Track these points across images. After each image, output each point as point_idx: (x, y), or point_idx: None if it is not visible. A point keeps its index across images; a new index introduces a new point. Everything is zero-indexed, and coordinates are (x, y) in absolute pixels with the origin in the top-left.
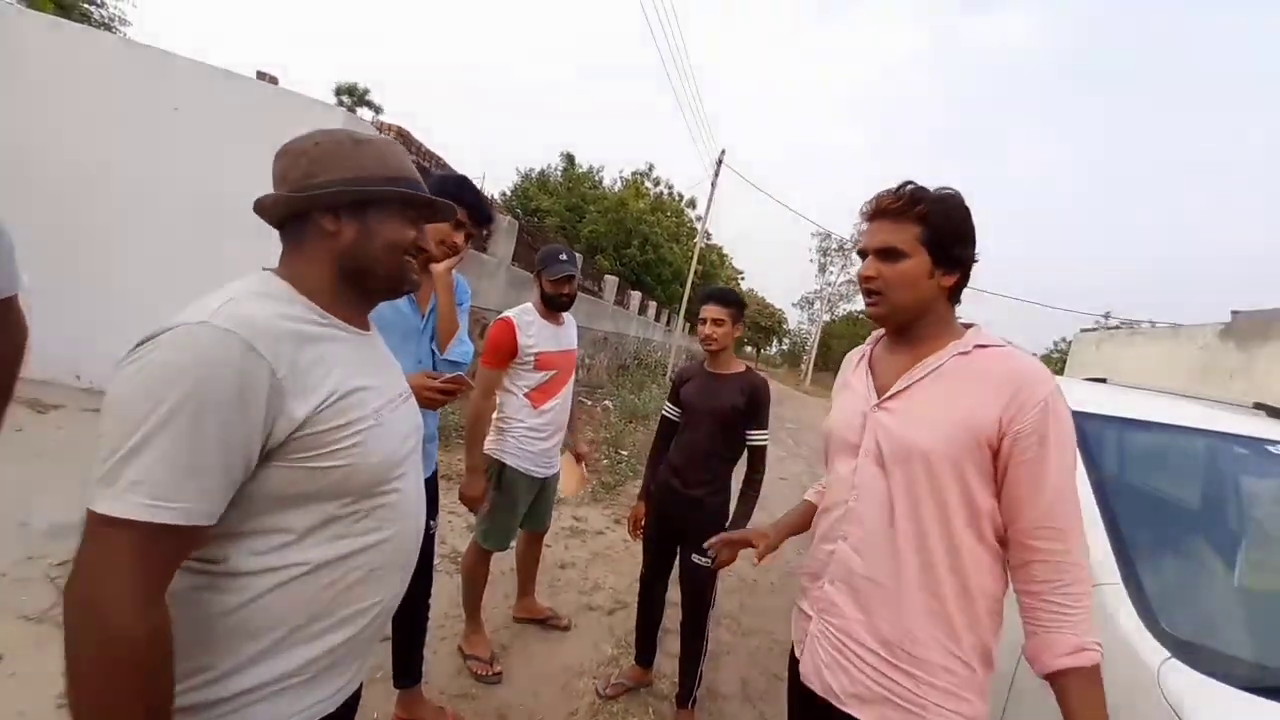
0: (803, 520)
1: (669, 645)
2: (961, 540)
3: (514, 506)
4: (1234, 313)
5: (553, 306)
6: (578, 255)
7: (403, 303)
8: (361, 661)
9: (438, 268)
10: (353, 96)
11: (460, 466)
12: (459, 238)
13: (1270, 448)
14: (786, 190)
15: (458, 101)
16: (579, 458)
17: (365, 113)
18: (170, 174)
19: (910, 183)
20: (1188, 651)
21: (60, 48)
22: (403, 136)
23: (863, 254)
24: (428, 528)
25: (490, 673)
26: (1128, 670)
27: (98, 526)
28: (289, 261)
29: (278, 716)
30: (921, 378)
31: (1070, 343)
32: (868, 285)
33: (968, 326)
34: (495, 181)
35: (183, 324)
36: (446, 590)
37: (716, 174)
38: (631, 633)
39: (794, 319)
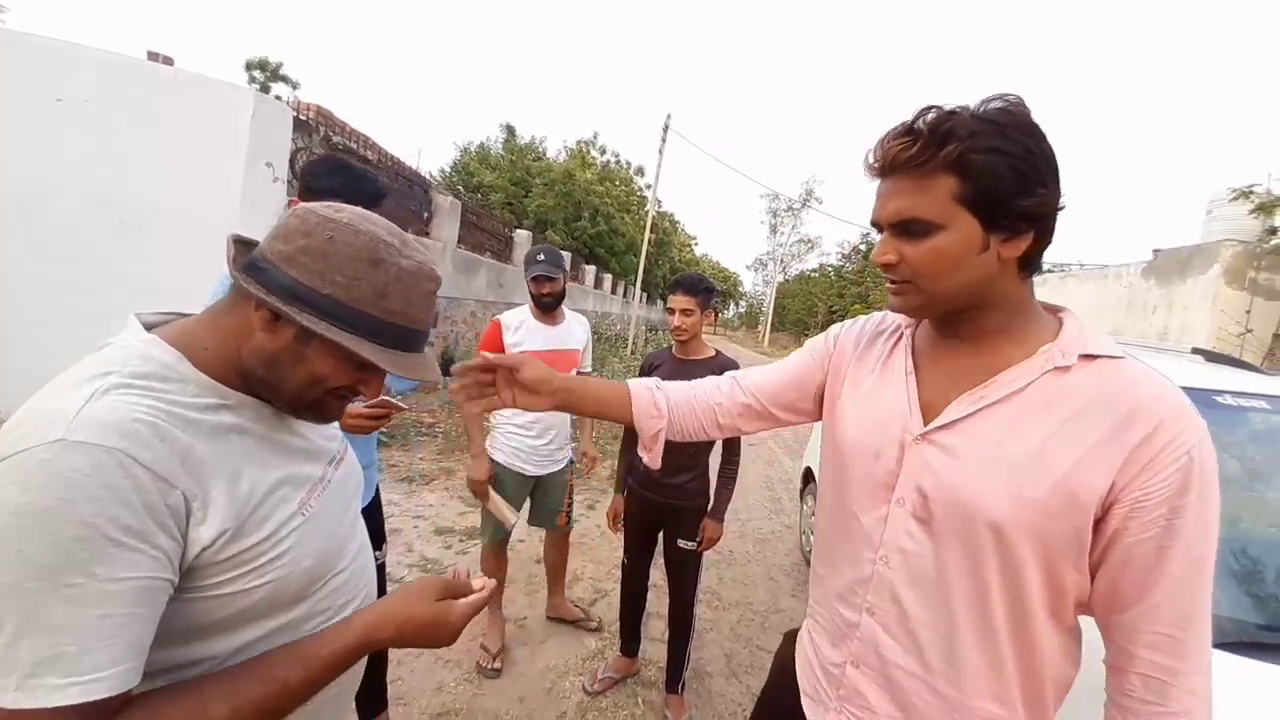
0: (615, 404)
1: (652, 630)
2: (1039, 629)
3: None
4: (1155, 251)
5: (539, 306)
6: (527, 232)
7: None
8: None
9: None
10: (265, 72)
11: (422, 465)
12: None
13: (1216, 398)
14: (734, 153)
15: (384, 73)
16: (590, 460)
17: (281, 89)
18: (58, 173)
19: (932, 108)
20: None
21: None
22: (324, 117)
23: (877, 225)
24: (375, 559)
25: (489, 666)
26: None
27: None
28: (207, 320)
29: None
30: (993, 403)
31: None
32: (888, 274)
33: (1056, 311)
34: (433, 158)
35: (29, 448)
36: None
37: (664, 140)
38: (614, 623)
39: (749, 281)
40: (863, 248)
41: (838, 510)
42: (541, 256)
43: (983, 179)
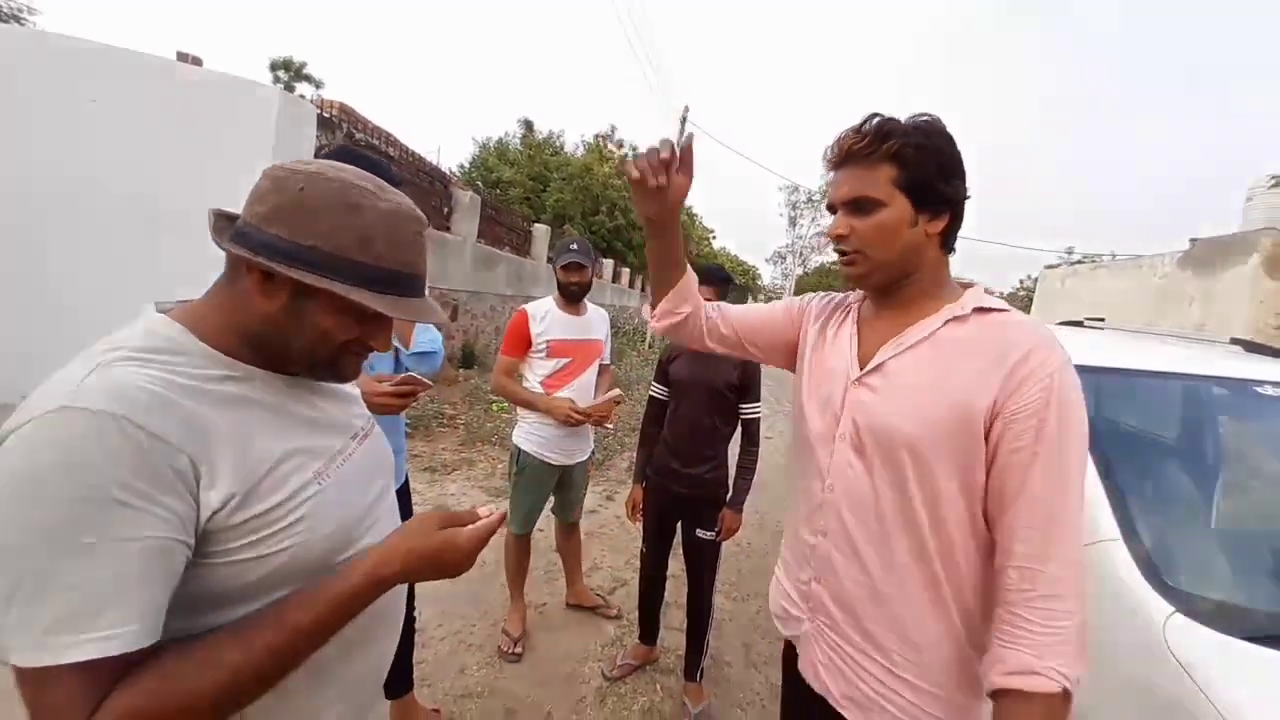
0: (675, 266)
1: (670, 619)
2: (960, 535)
3: (530, 491)
4: (1192, 240)
5: (566, 295)
6: (545, 227)
7: None
8: None
9: None
10: (289, 71)
11: (444, 456)
12: None
13: (1257, 388)
14: (753, 144)
15: (403, 69)
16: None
17: (305, 88)
18: (94, 173)
19: (876, 115)
20: (1192, 605)
21: None
22: (346, 113)
23: (831, 208)
24: None
25: (510, 651)
26: (1133, 629)
27: (33, 683)
28: (210, 296)
29: None
30: (907, 348)
31: (1036, 280)
32: (841, 245)
33: (967, 286)
34: (452, 154)
35: (33, 418)
36: (443, 589)
37: (681, 132)
38: (633, 611)
39: (768, 275)
40: None
41: (800, 450)
42: (574, 246)
43: (914, 168)
